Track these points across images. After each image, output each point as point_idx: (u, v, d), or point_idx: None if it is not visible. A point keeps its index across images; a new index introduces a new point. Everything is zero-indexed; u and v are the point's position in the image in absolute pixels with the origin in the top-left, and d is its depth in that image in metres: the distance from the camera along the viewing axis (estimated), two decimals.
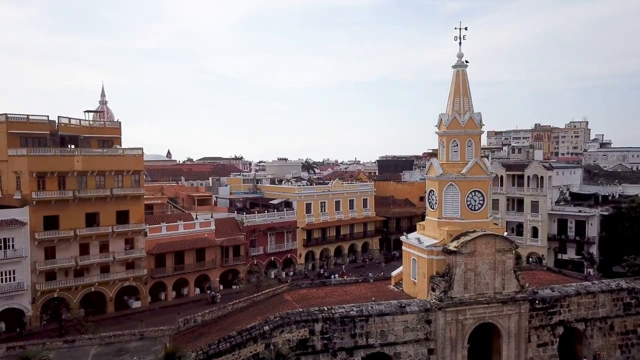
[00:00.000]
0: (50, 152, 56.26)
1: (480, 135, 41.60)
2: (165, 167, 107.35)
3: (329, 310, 36.52)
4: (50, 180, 56.00)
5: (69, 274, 57.47)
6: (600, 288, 42.95)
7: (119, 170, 60.66)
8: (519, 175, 79.00)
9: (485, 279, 38.77)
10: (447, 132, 40.94)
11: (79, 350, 39.30)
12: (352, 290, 44.32)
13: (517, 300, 39.16)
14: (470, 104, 41.09)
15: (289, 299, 42.33)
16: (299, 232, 78.68)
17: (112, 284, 60.31)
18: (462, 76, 41.12)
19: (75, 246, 57.74)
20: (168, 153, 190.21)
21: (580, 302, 42.06)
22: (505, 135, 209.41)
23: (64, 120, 61.51)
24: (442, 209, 40.63)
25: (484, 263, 38.67)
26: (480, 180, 40.01)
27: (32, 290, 54.79)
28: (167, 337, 41.76)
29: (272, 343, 34.83)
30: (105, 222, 59.60)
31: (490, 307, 38.63)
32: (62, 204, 56.57)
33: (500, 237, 38.98)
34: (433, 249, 39.27)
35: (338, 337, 36.03)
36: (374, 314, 36.73)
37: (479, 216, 40.01)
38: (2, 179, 58.27)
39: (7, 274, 53.31)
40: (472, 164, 39.70)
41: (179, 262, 66.20)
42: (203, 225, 68.80)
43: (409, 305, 37.84)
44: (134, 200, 62.10)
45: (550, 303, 41.04)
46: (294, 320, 35.44)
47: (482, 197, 40.13)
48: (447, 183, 40.19)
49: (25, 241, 54.30)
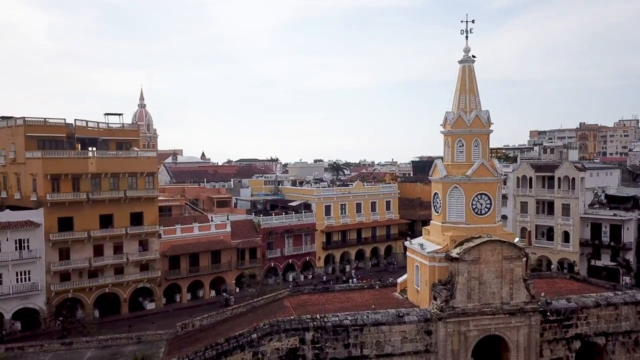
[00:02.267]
0: (64, 155, 57.05)
1: (489, 134, 39.01)
2: (191, 169, 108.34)
3: (321, 318, 34.96)
4: (65, 182, 56.81)
5: (83, 274, 58.18)
6: (623, 299, 39.52)
7: (133, 172, 61.01)
8: (550, 177, 74.91)
9: (491, 288, 36.23)
10: (451, 132, 38.63)
11: (75, 353, 39.40)
12: (354, 297, 42.53)
13: (527, 311, 36.40)
14: (477, 101, 38.63)
15: (288, 305, 41.01)
16: (318, 235, 77.30)
17: (126, 285, 60.71)
18: (468, 72, 38.72)
19: (90, 247, 58.40)
20: (202, 155, 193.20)
21: (600, 314, 38.80)
22: (549, 135, 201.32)
23: (80, 123, 62.39)
24: (446, 213, 38.36)
25: (490, 271, 36.16)
26: (487, 183, 37.49)
27: (46, 291, 55.68)
28: (164, 341, 41.33)
29: (260, 352, 33.63)
30: (119, 224, 60.03)
31: (496, 319, 36.07)
32: (77, 206, 57.32)
33: (507, 243, 36.32)
34: (435, 256, 37.06)
35: (330, 347, 34.42)
36: (369, 323, 34.90)
37: (485, 221, 37.50)
38: (20, 182, 59.58)
39: (23, 274, 54.35)
40: (478, 165, 37.24)
41: (194, 264, 66.07)
42: (218, 227, 68.45)
43: (407, 315, 35.79)
44: (148, 202, 62.34)
45: (565, 315, 38.03)
46: (283, 328, 34.08)
47: (489, 201, 37.61)
48: (451, 185, 37.90)
49: (40, 242, 55.25)
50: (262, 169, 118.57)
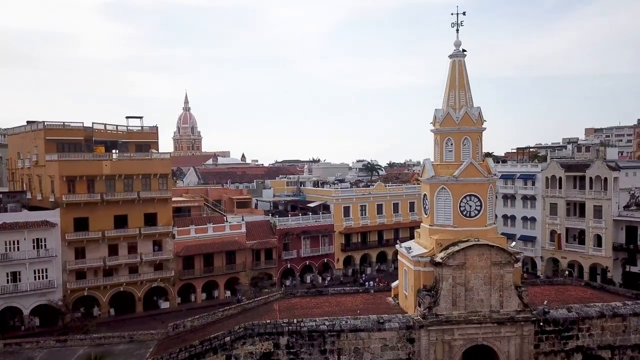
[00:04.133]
0: (79, 157, 58.94)
1: (480, 132, 36.95)
2: (220, 170, 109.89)
3: (298, 323, 34.23)
4: (80, 184, 58.67)
5: (98, 273, 59.84)
6: (632, 310, 36.42)
7: (146, 174, 62.24)
8: (581, 177, 70.48)
9: (479, 295, 34.29)
10: (440, 130, 36.89)
11: (68, 350, 40.35)
12: (346, 301, 41.38)
13: (518, 320, 34.17)
14: (468, 97, 36.70)
15: (276, 308, 40.45)
16: (336, 236, 76.26)
17: (140, 285, 62.00)
18: (458, 67, 36.88)
19: (104, 247, 60.01)
20: (242, 157, 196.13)
21: (605, 325, 35.94)
22: (606, 132, 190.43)
23: (98, 127, 64.33)
24: (433, 215, 36.65)
25: (478, 277, 34.23)
26: (477, 184, 35.51)
27: (63, 288, 57.67)
28: (155, 341, 41.71)
29: (233, 355, 33.35)
30: (133, 224, 61.38)
31: (483, 328, 34.10)
32: (92, 206, 59.06)
33: (496, 248, 34.21)
34: (420, 260, 35.49)
35: (306, 353, 33.62)
36: (346, 329, 33.87)
37: (474, 224, 35.53)
38: (41, 183, 62.12)
39: (40, 272, 56.52)
40: (466, 165, 35.34)
41: (208, 265, 66.65)
42: (233, 227, 68.73)
43: (388, 322, 34.43)
44: (162, 203, 63.42)
45: (564, 325, 35.49)
46: (257, 332, 33.64)
47: (478, 203, 35.61)
48: (438, 186, 36.19)
49: (57, 241, 57.28)
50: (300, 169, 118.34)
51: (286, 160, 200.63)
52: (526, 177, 76.50)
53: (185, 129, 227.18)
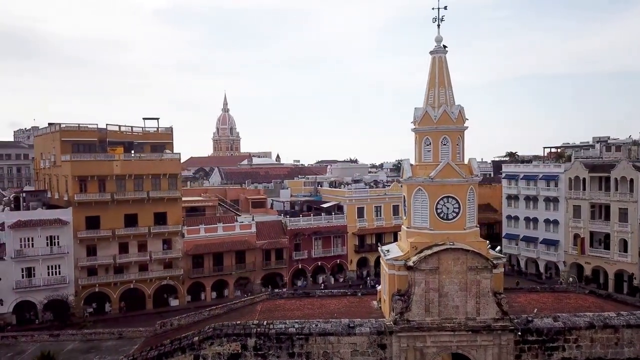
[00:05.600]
0: (91, 158, 60.95)
1: (462, 132, 35.30)
2: (244, 171, 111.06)
3: (267, 325, 33.88)
4: (92, 184, 60.72)
5: (108, 270, 61.72)
6: (626, 321, 33.90)
7: (156, 174, 63.65)
8: (606, 178, 66.53)
9: (454, 302, 32.83)
10: (418, 129, 35.58)
11: (60, 344, 41.79)
12: (330, 303, 40.53)
13: (495, 329, 32.45)
14: (448, 95, 35.19)
15: (258, 309, 40.17)
16: (350, 237, 75.39)
17: (150, 282, 63.49)
18: (438, 64, 35.41)
19: (115, 245, 61.82)
20: (277, 157, 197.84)
21: (595, 337, 33.61)
22: None
23: (113, 128, 66.31)
24: (411, 217, 35.41)
25: (453, 282, 32.78)
26: (454, 185, 33.97)
27: (75, 284, 59.84)
28: (142, 338, 42.51)
29: (201, 355, 33.36)
30: (143, 223, 62.93)
31: (458, 335, 32.58)
32: (103, 205, 60.99)
33: (472, 252, 32.62)
34: (394, 263, 34.35)
35: (274, 355, 33.22)
36: (315, 333, 33.20)
37: (452, 227, 34.02)
38: (58, 183, 64.68)
39: (53, 268, 58.90)
40: (443, 166, 33.88)
41: (218, 264, 67.41)
42: (243, 227, 69.23)
43: (359, 326, 33.51)
44: (171, 202, 64.71)
45: (548, 336, 33.43)
46: (224, 332, 33.52)
47: (457, 205, 34.08)
48: (415, 187, 34.89)
49: (69, 239, 59.53)
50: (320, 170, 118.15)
51: (323, 161, 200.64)
52: (549, 178, 73.02)
53: (224, 130, 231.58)
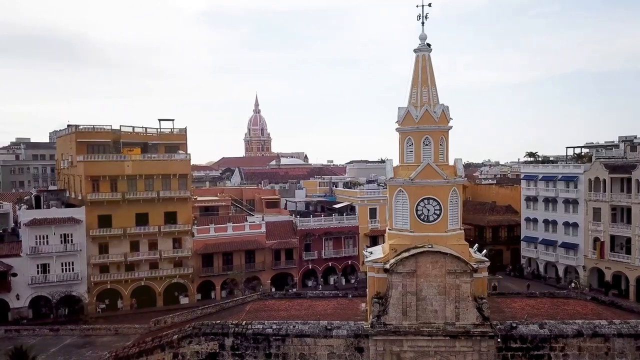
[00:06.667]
0: (103, 158, 62.75)
1: (446, 132, 34.45)
2: (263, 171, 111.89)
3: (245, 325, 34.05)
4: (104, 183, 62.49)
5: (120, 267, 63.34)
6: (617, 330, 32.26)
7: (166, 174, 64.93)
8: (628, 179, 63.51)
9: (433, 306, 32.08)
10: (400, 129, 34.95)
11: (59, 339, 43.23)
12: (318, 305, 40.38)
13: (474, 335, 31.49)
14: (432, 94, 34.41)
15: (246, 309, 40.47)
16: (362, 238, 74.75)
17: (160, 280, 64.79)
18: (422, 62, 34.69)
19: (126, 243, 63.40)
20: (305, 157, 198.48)
21: (583, 346, 32.16)
22: None
23: (127, 129, 68.06)
24: (392, 219, 34.85)
25: (431, 286, 32.04)
26: (435, 187, 33.18)
27: (87, 281, 61.73)
28: (137, 335, 43.41)
29: (180, 353, 33.85)
30: (154, 222, 64.30)
31: (435, 341, 31.80)
32: (114, 205, 62.65)
33: (450, 256, 31.77)
34: (374, 265, 33.95)
35: (251, 355, 33.37)
36: (291, 334, 33.13)
37: (432, 229, 33.24)
38: (74, 183, 66.88)
39: (67, 264, 60.92)
40: (423, 167, 33.17)
41: (228, 263, 68.15)
42: (253, 227, 69.72)
43: (337, 329, 33.21)
44: (181, 202, 65.86)
45: (533, 343, 32.21)
46: (203, 332, 33.89)
47: (438, 207, 33.27)
48: (396, 189, 34.30)
49: (82, 237, 61.44)
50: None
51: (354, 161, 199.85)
52: (568, 179, 70.32)
53: (255, 131, 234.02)
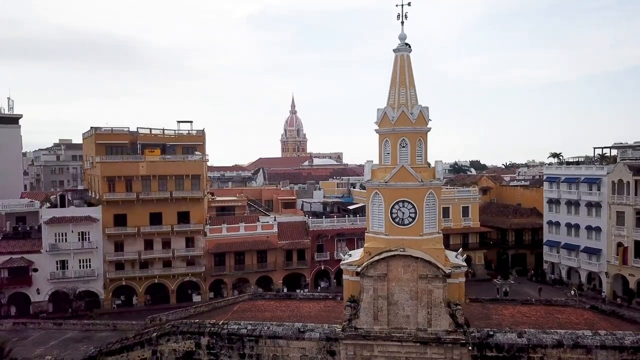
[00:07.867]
0: (118, 159, 64.98)
1: (423, 134, 33.72)
2: (287, 172, 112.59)
3: (221, 324, 34.55)
4: (119, 183, 64.72)
5: (134, 265, 65.42)
6: (601, 342, 30.64)
7: (179, 175, 66.55)
8: None
9: (405, 311, 31.50)
10: (378, 131, 34.47)
11: (62, 333, 45.09)
12: (307, 306, 40.39)
13: (446, 342, 30.67)
14: (410, 95, 33.74)
15: (234, 309, 40.98)
16: None
17: (173, 278, 66.49)
18: (401, 62, 34.08)
19: (140, 241, 65.43)
20: (337, 157, 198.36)
21: (564, 357, 30.76)
22: None
23: (144, 131, 70.19)
24: (369, 221, 34.38)
25: (403, 291, 31.48)
26: (410, 189, 32.51)
27: (103, 277, 64.14)
28: (134, 331, 44.62)
29: (158, 350, 34.73)
30: (167, 222, 66.06)
31: (406, 347, 31.19)
32: (129, 204, 64.80)
33: (422, 260, 31.06)
34: (348, 268, 33.64)
35: (225, 355, 33.82)
36: (264, 335, 33.33)
37: (407, 232, 32.58)
38: (94, 183, 69.55)
39: (84, 261, 63.52)
40: (398, 169, 32.60)
41: (240, 262, 69.13)
42: (265, 227, 70.36)
43: (310, 331, 33.17)
44: (194, 202, 67.33)
45: (510, 352, 31.06)
46: (180, 330, 34.63)
47: (413, 210, 32.60)
48: (373, 191, 33.85)
49: (98, 235, 63.91)
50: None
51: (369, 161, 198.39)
52: (591, 181, 67.19)
53: (291, 132, 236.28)
